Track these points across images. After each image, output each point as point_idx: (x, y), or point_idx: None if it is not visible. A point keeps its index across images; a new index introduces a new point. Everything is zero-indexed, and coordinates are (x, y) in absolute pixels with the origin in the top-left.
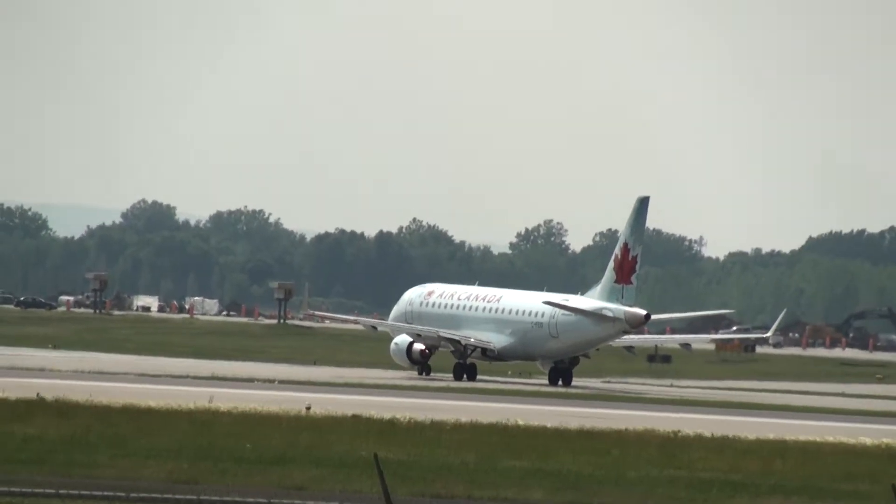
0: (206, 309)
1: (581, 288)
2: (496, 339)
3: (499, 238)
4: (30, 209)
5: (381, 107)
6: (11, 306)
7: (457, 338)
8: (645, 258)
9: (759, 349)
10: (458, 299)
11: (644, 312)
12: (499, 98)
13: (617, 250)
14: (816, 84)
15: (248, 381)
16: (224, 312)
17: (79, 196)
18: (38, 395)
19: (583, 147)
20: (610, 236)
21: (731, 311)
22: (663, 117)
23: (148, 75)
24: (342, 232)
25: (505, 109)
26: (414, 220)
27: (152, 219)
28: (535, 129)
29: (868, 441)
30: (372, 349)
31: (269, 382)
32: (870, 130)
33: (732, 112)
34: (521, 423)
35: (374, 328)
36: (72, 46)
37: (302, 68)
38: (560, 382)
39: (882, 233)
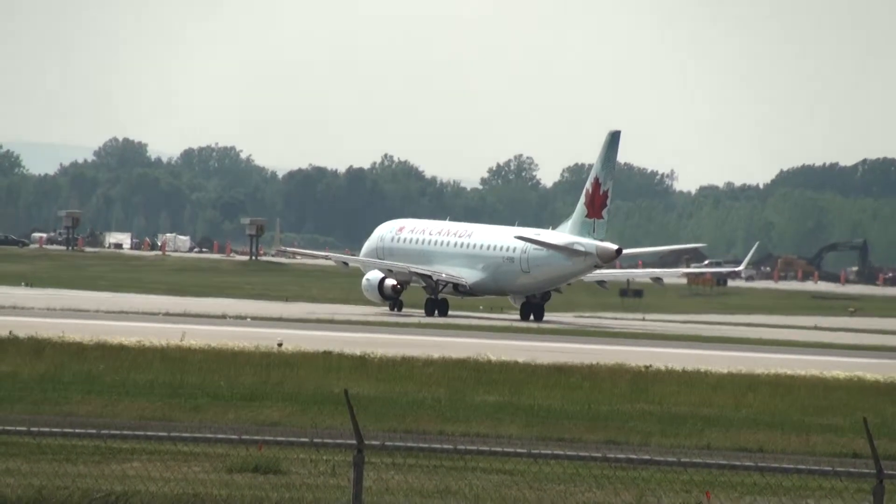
0: (179, 245)
1: (552, 222)
2: (468, 275)
3: (470, 173)
4: (2, 147)
5: (354, 44)
6: None
7: (428, 273)
8: (616, 192)
9: (730, 283)
10: (430, 235)
11: (615, 247)
12: (470, 36)
13: (588, 185)
14: (789, 17)
15: (220, 318)
16: (196, 249)
17: (52, 134)
18: (10, 332)
19: (554, 82)
20: (579, 171)
21: (703, 244)
22: (634, 51)
23: (120, 14)
24: (314, 168)
25: (477, 47)
26: (386, 155)
27: (124, 156)
28: (507, 66)
29: (840, 374)
30: (343, 285)
31: (240, 319)
32: (842, 64)
33: (704, 45)
34: (492, 358)
35: (346, 264)
36: None
37: (275, 6)
38: (532, 317)
39: (855, 165)
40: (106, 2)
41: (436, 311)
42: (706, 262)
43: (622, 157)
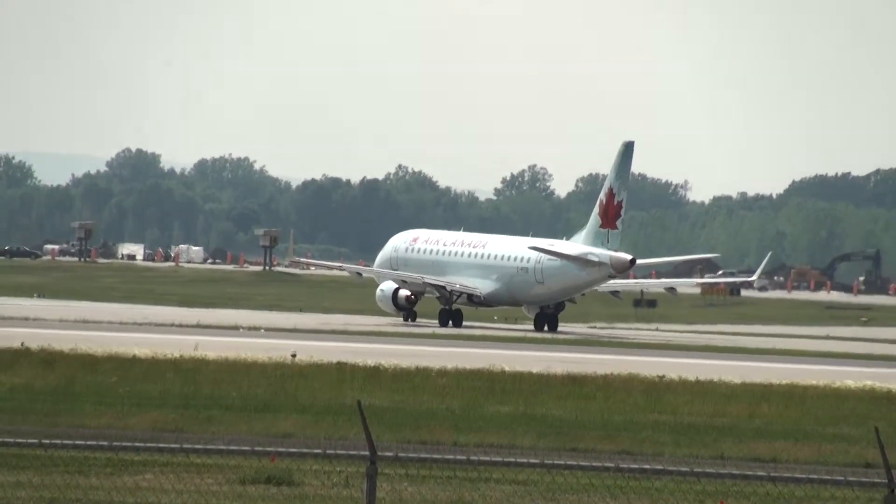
0: (192, 256)
1: (566, 233)
2: (482, 285)
3: (484, 184)
4: (14, 158)
5: (368, 55)
6: None
7: (442, 284)
8: (630, 203)
9: (744, 293)
10: (444, 245)
11: (629, 257)
12: (484, 45)
13: (602, 195)
14: (802, 28)
15: (234, 329)
16: (209, 260)
17: (64, 145)
18: (22, 344)
19: (568, 93)
20: (593, 181)
21: (717, 255)
22: (648, 62)
23: (132, 24)
24: (328, 178)
25: (490, 56)
26: (400, 166)
27: (137, 167)
28: (521, 76)
29: (852, 384)
30: (357, 296)
31: (254, 330)
32: (855, 74)
33: (717, 56)
34: (506, 368)
35: (360, 275)
36: None
37: (288, 16)
38: (546, 328)
39: (867, 175)
40: (119, 12)
41: (450, 322)
42: (720, 272)
43: (636, 167)
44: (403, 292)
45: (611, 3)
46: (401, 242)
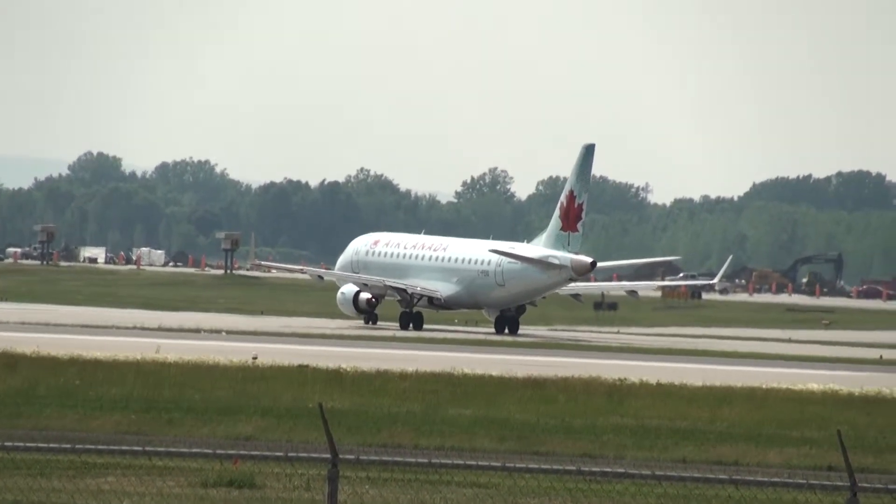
0: (153, 260)
1: (527, 236)
2: (442, 288)
3: (445, 186)
4: None
5: (328, 58)
6: None
7: (403, 286)
8: (591, 205)
9: (705, 296)
10: (405, 248)
11: (590, 260)
12: (445, 48)
13: (563, 198)
14: (763, 31)
15: (195, 332)
16: (171, 263)
17: (26, 148)
18: None
19: (528, 96)
20: (554, 184)
21: (678, 257)
22: (609, 65)
23: (93, 27)
24: (289, 182)
25: (451, 59)
26: (361, 169)
27: (99, 170)
28: (480, 79)
29: (814, 387)
30: (318, 299)
31: (215, 333)
32: (816, 77)
33: (679, 59)
34: (467, 371)
35: (321, 278)
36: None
37: (249, 20)
38: (506, 331)
39: (828, 178)
40: (79, 16)
41: (410, 325)
42: (681, 274)
43: (597, 170)
44: (364, 295)
45: (572, 6)
46: (362, 245)
